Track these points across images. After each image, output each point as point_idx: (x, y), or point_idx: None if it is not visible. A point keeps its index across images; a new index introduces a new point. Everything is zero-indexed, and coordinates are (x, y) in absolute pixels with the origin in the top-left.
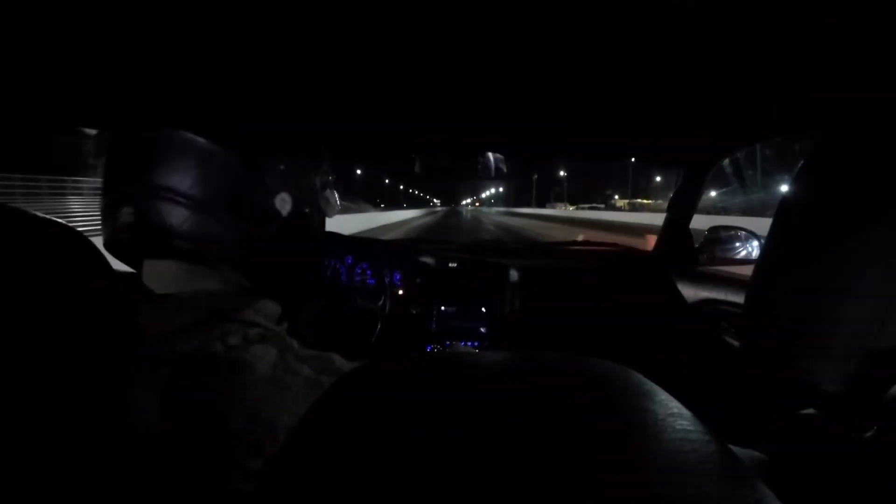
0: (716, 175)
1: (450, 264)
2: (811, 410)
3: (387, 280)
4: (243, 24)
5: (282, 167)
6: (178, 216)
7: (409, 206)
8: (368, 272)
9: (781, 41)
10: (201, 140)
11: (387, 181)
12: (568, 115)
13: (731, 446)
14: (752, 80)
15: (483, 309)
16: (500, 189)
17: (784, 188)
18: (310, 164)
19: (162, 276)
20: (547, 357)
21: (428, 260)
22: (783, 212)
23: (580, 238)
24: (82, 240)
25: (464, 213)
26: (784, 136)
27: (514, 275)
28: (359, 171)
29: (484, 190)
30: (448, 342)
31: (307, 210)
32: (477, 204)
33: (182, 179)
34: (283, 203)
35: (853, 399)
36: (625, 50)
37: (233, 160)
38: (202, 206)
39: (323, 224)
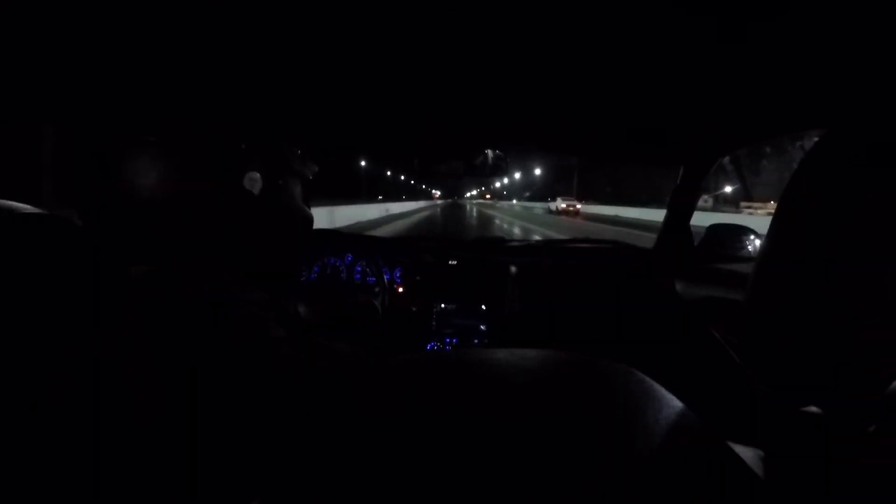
0: None
1: (450, 262)
2: (811, 407)
3: (387, 277)
4: (241, 16)
5: (243, 146)
6: (151, 224)
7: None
8: (368, 270)
9: (781, 37)
10: (162, 141)
11: (363, 164)
12: (565, 112)
13: (730, 443)
14: (751, 77)
15: (483, 307)
16: (538, 171)
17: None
18: (274, 134)
19: (143, 272)
20: (547, 355)
21: (428, 257)
22: (783, 209)
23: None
24: (85, 234)
25: (467, 208)
26: (784, 133)
27: (514, 272)
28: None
29: (497, 178)
30: (448, 339)
31: (280, 182)
32: (488, 197)
33: (147, 186)
34: (254, 182)
35: (854, 395)
36: (623, 47)
37: (194, 155)
38: (174, 207)
39: (308, 188)
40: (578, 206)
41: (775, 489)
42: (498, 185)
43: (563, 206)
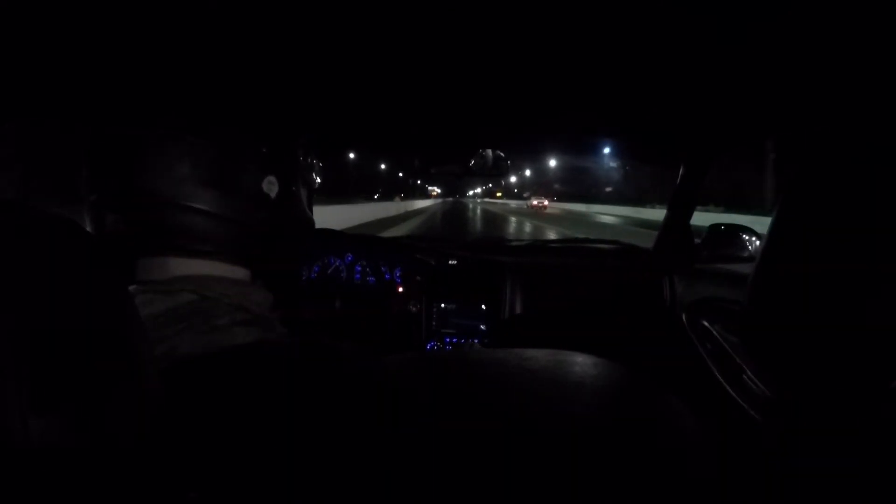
0: None
1: (450, 262)
2: (811, 406)
3: (387, 278)
4: (244, 18)
5: (264, 150)
6: (168, 219)
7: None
8: (368, 270)
9: (781, 37)
10: (183, 135)
11: (351, 156)
12: (566, 112)
13: (730, 443)
14: (751, 77)
15: (483, 307)
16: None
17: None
18: (290, 141)
19: (153, 268)
20: (547, 355)
21: (428, 257)
22: (783, 210)
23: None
24: (84, 233)
25: (470, 208)
26: (783, 132)
27: (514, 272)
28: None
29: (501, 177)
30: (448, 339)
31: (294, 188)
32: (498, 195)
33: (167, 180)
34: (271, 186)
35: (853, 394)
36: (623, 47)
37: (216, 152)
38: (192, 205)
39: (312, 197)
40: (546, 202)
41: (775, 486)
42: (514, 179)
43: (534, 202)
